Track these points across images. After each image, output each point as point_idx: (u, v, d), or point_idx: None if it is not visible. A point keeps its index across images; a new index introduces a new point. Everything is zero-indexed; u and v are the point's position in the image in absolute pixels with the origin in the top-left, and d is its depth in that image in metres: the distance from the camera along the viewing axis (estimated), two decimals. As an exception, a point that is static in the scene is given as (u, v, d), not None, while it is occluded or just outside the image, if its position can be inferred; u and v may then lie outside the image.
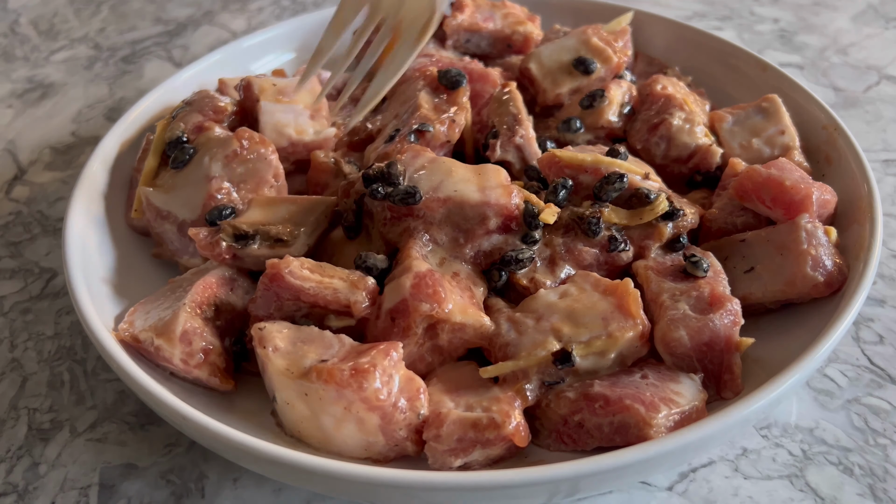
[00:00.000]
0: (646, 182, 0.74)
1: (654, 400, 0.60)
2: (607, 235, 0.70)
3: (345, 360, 0.60)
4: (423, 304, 0.63)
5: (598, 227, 0.70)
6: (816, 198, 0.71)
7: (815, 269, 0.68)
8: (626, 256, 0.71)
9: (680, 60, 1.00)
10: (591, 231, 0.70)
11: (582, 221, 0.70)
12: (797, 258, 0.68)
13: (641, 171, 0.76)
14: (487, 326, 0.66)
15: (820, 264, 0.68)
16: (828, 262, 0.68)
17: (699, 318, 0.64)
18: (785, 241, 0.70)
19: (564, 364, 0.63)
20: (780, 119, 0.84)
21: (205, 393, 0.68)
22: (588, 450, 0.62)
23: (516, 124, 0.82)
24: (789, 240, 0.70)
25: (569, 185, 0.73)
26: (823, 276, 0.68)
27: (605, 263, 0.71)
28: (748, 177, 0.74)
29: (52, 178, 1.04)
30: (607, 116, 0.85)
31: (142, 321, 0.68)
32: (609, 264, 0.71)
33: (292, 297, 0.65)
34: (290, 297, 0.66)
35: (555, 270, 0.70)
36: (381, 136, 0.84)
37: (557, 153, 0.75)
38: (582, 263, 0.70)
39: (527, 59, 0.91)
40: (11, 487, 0.69)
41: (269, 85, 0.86)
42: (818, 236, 0.69)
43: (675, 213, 0.72)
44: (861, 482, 0.67)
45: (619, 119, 0.86)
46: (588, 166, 0.73)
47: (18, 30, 1.40)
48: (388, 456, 0.62)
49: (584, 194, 0.74)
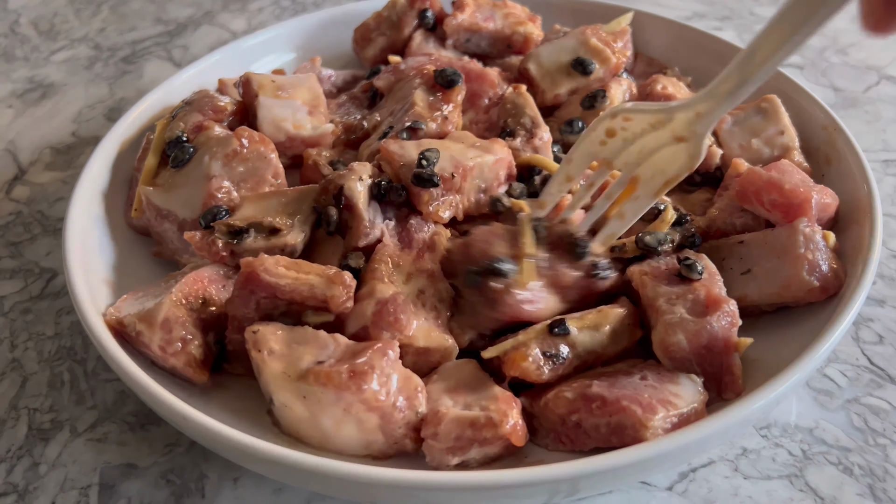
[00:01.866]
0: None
1: (652, 402, 0.60)
2: (592, 261, 0.69)
3: (341, 360, 0.61)
4: (384, 332, 0.64)
5: (585, 251, 0.69)
6: (816, 201, 0.71)
7: (812, 273, 0.68)
8: (603, 284, 0.70)
9: (679, 61, 1.00)
10: (578, 254, 0.69)
11: (571, 241, 0.69)
12: (794, 262, 0.68)
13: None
14: (451, 347, 0.67)
15: (816, 269, 0.68)
16: (824, 267, 0.68)
17: (696, 321, 0.64)
18: (783, 245, 0.70)
19: (560, 330, 0.65)
20: (780, 119, 0.84)
21: (202, 392, 0.68)
22: (586, 450, 0.62)
23: (535, 127, 0.82)
24: (787, 243, 0.69)
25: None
26: (819, 280, 0.68)
27: (584, 287, 0.69)
28: (748, 179, 0.74)
29: (52, 178, 1.05)
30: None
31: (129, 307, 0.69)
32: (587, 289, 0.69)
33: (269, 294, 0.65)
34: (267, 294, 0.65)
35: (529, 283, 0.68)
36: (376, 133, 0.84)
37: None
38: (559, 283, 0.69)
39: (526, 60, 0.91)
40: (11, 487, 0.69)
41: (268, 81, 0.86)
42: (816, 241, 0.69)
43: (683, 220, 0.75)
44: (861, 482, 0.67)
45: None
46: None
47: (19, 30, 1.40)
48: (387, 453, 0.63)
49: None
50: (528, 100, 0.85)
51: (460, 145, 0.76)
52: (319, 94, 0.87)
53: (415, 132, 0.79)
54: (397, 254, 0.71)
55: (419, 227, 0.73)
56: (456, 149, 0.75)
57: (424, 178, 0.71)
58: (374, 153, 0.80)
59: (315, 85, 0.88)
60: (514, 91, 0.86)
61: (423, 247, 0.72)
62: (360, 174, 0.72)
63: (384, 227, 0.72)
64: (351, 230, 0.72)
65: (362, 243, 0.71)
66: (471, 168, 0.74)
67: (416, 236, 0.72)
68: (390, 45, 1.01)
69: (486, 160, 0.75)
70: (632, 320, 0.68)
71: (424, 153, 0.73)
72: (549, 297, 0.68)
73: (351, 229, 0.72)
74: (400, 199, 0.73)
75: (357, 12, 1.07)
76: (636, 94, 0.88)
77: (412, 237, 0.72)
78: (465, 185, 0.74)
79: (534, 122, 0.83)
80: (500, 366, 0.66)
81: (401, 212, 0.74)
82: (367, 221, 0.71)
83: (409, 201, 0.73)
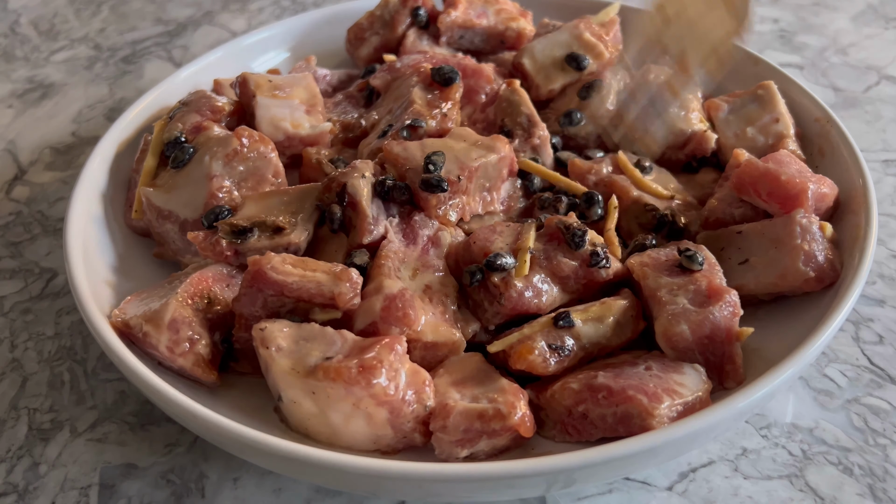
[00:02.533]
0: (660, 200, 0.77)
1: (658, 391, 0.61)
2: (590, 250, 0.69)
3: (349, 356, 0.61)
4: (393, 327, 0.64)
5: (583, 240, 0.69)
6: (813, 192, 0.72)
7: (808, 263, 0.68)
8: (606, 273, 0.69)
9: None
10: (575, 243, 0.69)
11: (568, 231, 0.69)
12: (790, 252, 0.69)
13: (666, 191, 0.79)
14: (459, 342, 0.67)
15: (812, 259, 0.68)
16: (820, 258, 0.69)
17: (699, 311, 0.65)
18: (779, 235, 0.70)
19: (565, 322, 0.65)
20: (775, 107, 0.85)
21: (209, 392, 0.68)
22: (592, 440, 0.63)
23: (532, 126, 0.83)
24: (784, 234, 0.70)
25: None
26: (815, 271, 0.68)
27: (584, 278, 0.69)
28: (745, 171, 0.74)
29: (52, 178, 1.05)
30: (606, 105, 0.85)
31: (135, 309, 0.69)
32: (587, 279, 0.69)
33: (276, 292, 0.65)
34: (274, 292, 0.65)
35: (529, 276, 0.68)
36: (375, 132, 0.84)
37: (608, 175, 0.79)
38: (559, 274, 0.69)
39: (520, 55, 0.92)
40: (11, 487, 0.69)
41: (265, 81, 0.86)
42: (812, 231, 0.69)
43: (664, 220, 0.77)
44: (861, 482, 0.67)
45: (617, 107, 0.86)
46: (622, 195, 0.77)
47: (19, 30, 1.40)
48: (396, 448, 0.63)
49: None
50: (523, 96, 0.85)
51: (462, 144, 0.76)
52: (316, 93, 0.87)
53: (415, 130, 0.80)
54: (402, 250, 0.71)
55: (423, 223, 0.73)
56: (459, 148, 0.75)
57: (433, 183, 0.71)
58: (375, 152, 0.80)
59: (312, 84, 0.88)
60: (508, 87, 0.86)
61: (427, 242, 0.72)
62: (362, 171, 0.72)
63: (388, 223, 0.72)
64: (355, 228, 0.72)
65: (366, 240, 0.71)
66: (476, 169, 0.74)
67: (421, 232, 0.73)
68: (384, 44, 1.01)
69: (490, 160, 0.75)
70: (635, 311, 0.69)
71: (430, 157, 0.73)
72: (551, 288, 0.69)
73: (355, 227, 0.72)
74: (403, 197, 0.73)
75: (351, 11, 1.07)
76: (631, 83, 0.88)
77: (416, 233, 0.72)
78: (469, 186, 0.74)
79: (530, 121, 0.83)
80: (505, 360, 0.66)
81: (404, 208, 0.74)
82: (370, 218, 0.71)
83: (412, 199, 0.74)
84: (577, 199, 0.78)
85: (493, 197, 0.77)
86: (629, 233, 0.77)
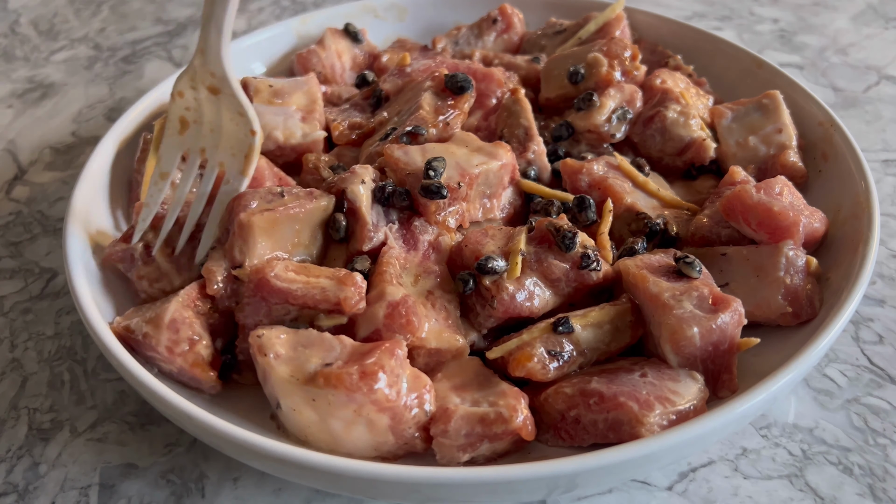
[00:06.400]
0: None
1: (650, 398, 0.60)
2: (580, 252, 0.68)
3: (349, 362, 0.60)
4: (396, 335, 0.64)
5: (574, 242, 0.68)
6: (804, 225, 0.71)
7: (787, 297, 0.68)
8: (596, 276, 0.69)
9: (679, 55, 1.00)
10: (565, 245, 0.68)
11: (558, 234, 0.69)
12: (771, 284, 0.68)
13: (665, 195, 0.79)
14: (463, 347, 0.67)
15: (792, 295, 0.68)
16: (801, 294, 0.68)
17: (709, 316, 0.63)
18: (764, 264, 0.69)
19: (564, 328, 0.65)
20: (779, 117, 0.84)
21: (209, 399, 0.68)
22: (585, 446, 0.62)
23: (528, 139, 0.82)
24: (768, 263, 0.69)
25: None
26: (793, 306, 0.68)
27: (575, 280, 0.69)
28: (738, 198, 0.72)
29: (52, 178, 1.05)
30: (597, 119, 0.84)
31: (137, 316, 0.68)
32: (578, 281, 0.69)
33: (280, 300, 0.65)
34: (279, 300, 0.65)
35: (521, 278, 0.68)
36: (379, 133, 0.84)
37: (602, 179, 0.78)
38: (550, 277, 0.68)
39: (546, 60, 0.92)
40: (11, 487, 0.69)
41: (265, 86, 0.86)
42: (797, 265, 0.68)
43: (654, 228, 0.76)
44: (861, 482, 0.67)
45: (612, 123, 0.85)
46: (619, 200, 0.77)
47: (19, 30, 1.40)
48: (397, 454, 0.63)
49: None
50: (525, 107, 0.85)
51: (464, 150, 0.76)
52: (317, 97, 0.87)
53: (415, 137, 0.79)
54: (403, 256, 0.71)
55: (423, 228, 0.73)
56: (460, 154, 0.75)
57: (433, 189, 0.71)
58: (376, 154, 0.80)
59: (313, 88, 0.87)
60: (512, 97, 0.86)
61: (428, 248, 0.72)
62: (362, 177, 0.72)
63: (388, 229, 0.72)
64: (354, 234, 0.71)
65: (367, 247, 0.71)
66: (476, 175, 0.73)
67: (421, 237, 0.72)
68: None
69: (491, 166, 0.74)
70: (634, 317, 0.68)
71: (431, 163, 0.72)
72: (543, 291, 0.68)
73: (354, 233, 0.71)
74: (403, 203, 0.72)
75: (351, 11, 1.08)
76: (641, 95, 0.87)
77: (417, 239, 0.72)
78: (470, 193, 0.74)
79: (527, 134, 0.82)
80: (504, 365, 0.66)
81: (404, 214, 0.74)
82: (370, 225, 0.71)
83: (412, 204, 0.73)
84: (570, 205, 0.77)
85: (493, 204, 0.76)
86: (620, 239, 0.76)
